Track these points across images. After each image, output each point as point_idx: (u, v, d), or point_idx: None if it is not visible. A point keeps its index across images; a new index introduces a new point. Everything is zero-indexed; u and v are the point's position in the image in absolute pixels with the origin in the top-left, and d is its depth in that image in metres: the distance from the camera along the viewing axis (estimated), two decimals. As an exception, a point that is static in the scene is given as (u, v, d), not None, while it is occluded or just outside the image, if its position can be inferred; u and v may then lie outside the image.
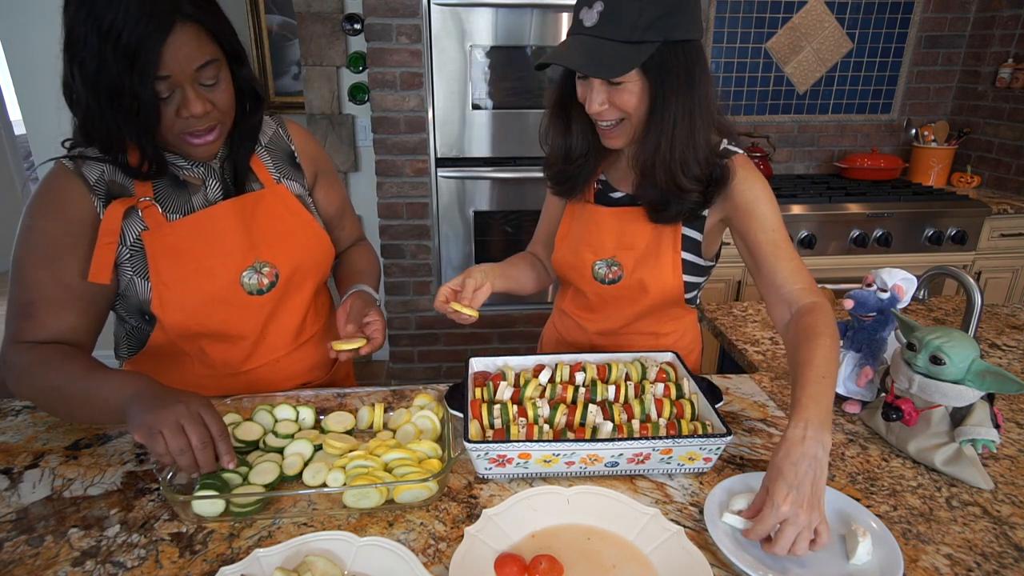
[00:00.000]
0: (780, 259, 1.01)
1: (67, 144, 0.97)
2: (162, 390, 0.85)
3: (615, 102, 0.99)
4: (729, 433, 0.86)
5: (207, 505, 0.80)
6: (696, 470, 0.90)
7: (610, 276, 1.18)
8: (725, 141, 1.07)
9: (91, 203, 0.94)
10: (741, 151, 1.08)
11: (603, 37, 0.93)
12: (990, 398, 0.92)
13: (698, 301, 1.27)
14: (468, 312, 1.05)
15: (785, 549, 0.70)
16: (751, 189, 1.05)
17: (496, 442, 0.84)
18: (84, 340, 0.97)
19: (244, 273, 1.03)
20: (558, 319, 1.38)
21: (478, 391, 0.99)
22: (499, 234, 2.72)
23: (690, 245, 1.15)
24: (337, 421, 0.99)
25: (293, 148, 1.15)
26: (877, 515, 0.80)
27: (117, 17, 0.80)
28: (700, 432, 0.90)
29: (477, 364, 1.07)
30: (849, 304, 1.07)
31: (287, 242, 1.08)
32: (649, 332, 1.26)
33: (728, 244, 1.18)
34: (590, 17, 0.94)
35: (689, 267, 1.15)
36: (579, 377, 1.03)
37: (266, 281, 1.05)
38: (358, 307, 1.10)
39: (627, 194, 1.17)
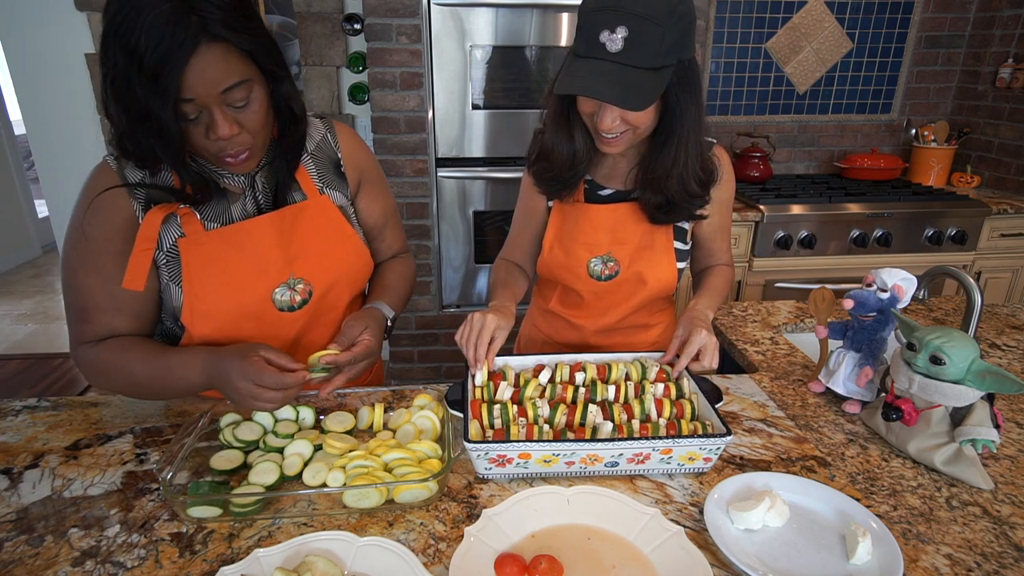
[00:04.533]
0: (725, 239, 1.28)
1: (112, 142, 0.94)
2: (220, 371, 0.91)
3: (627, 119, 1.00)
4: (729, 433, 0.86)
5: (205, 508, 0.80)
6: (696, 470, 0.90)
7: (606, 272, 1.20)
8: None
9: (131, 208, 0.93)
10: (715, 141, 1.17)
11: (628, 64, 0.92)
12: (990, 398, 0.92)
13: (676, 291, 1.33)
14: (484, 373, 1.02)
15: (715, 362, 1.02)
16: (728, 182, 1.20)
17: (496, 442, 0.84)
18: (142, 335, 1.01)
19: (277, 289, 1.01)
20: (542, 320, 1.38)
21: (478, 391, 0.99)
22: (499, 234, 2.71)
23: (679, 234, 1.20)
24: (337, 421, 0.99)
25: (340, 156, 1.11)
26: (877, 515, 0.80)
27: (140, 38, 0.77)
28: (700, 432, 0.90)
29: (477, 364, 1.07)
30: (849, 304, 1.07)
31: (325, 258, 1.05)
32: (642, 324, 1.32)
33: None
34: (614, 43, 0.91)
35: (678, 254, 1.21)
36: (579, 377, 1.03)
37: (299, 298, 1.03)
38: (349, 329, 1.02)
39: (616, 191, 1.20)
